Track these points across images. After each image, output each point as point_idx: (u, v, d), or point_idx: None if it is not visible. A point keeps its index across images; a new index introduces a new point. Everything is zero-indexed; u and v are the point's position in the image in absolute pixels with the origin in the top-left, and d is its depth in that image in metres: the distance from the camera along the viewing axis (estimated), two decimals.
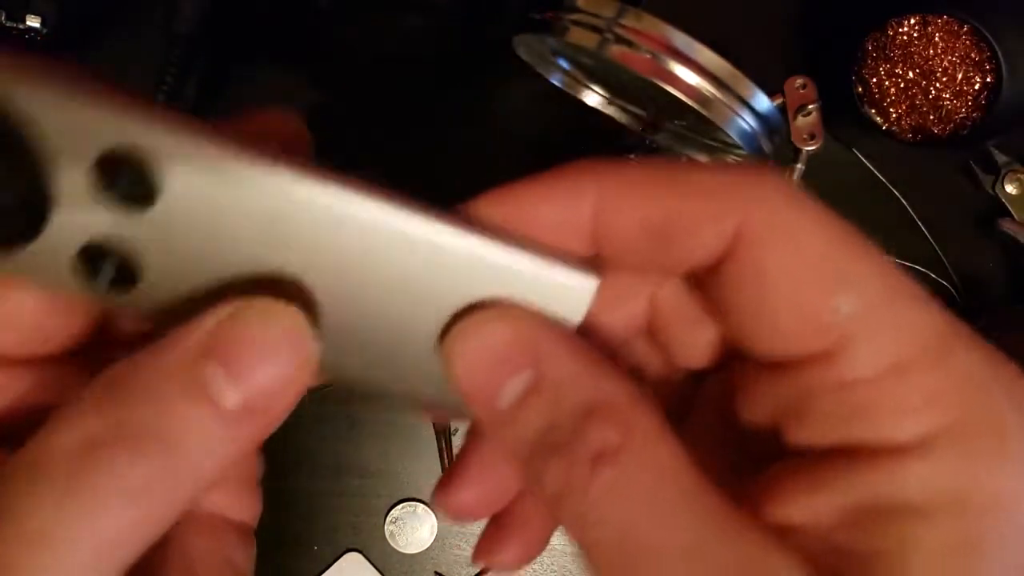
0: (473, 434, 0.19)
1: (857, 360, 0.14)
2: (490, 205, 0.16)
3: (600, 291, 0.16)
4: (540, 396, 0.15)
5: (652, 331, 0.18)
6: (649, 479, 0.13)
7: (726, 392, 0.17)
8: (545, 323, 0.15)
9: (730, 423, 0.17)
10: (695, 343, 0.18)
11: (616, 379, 0.15)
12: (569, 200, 0.15)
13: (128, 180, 0.14)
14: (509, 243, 0.15)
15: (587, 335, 0.16)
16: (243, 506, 0.21)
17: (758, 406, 0.16)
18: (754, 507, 0.15)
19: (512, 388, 0.15)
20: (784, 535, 0.14)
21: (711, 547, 0.13)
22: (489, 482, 0.18)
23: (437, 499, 0.18)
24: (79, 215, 0.14)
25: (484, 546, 0.19)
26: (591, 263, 0.16)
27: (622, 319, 0.18)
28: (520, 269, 0.15)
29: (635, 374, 0.19)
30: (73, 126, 0.14)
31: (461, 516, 0.18)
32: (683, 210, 0.15)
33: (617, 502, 0.13)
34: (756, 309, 0.15)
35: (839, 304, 0.14)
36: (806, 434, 0.15)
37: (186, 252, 0.15)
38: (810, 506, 0.14)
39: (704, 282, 0.16)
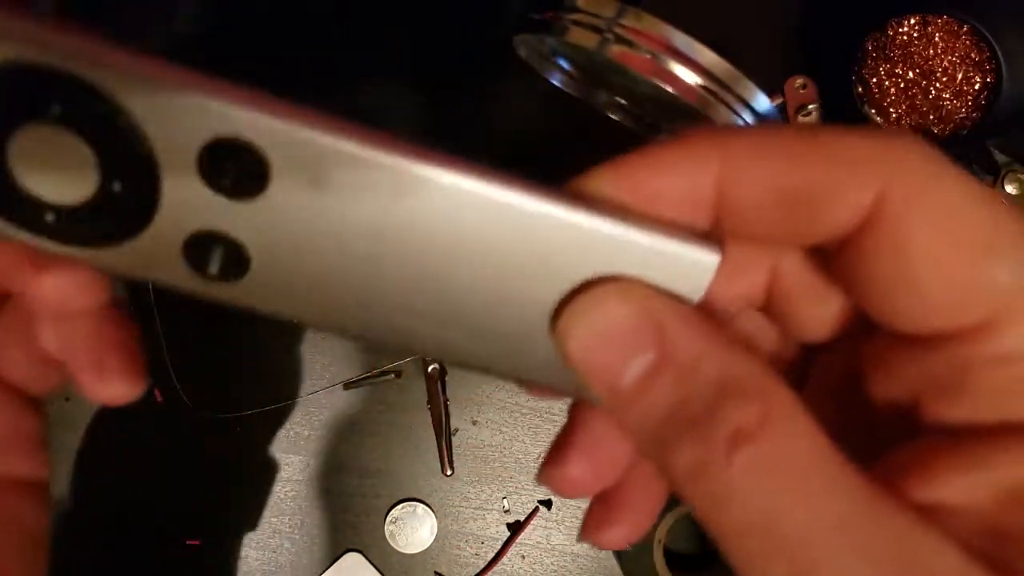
0: (580, 408, 0.18)
1: (1018, 334, 0.13)
2: (604, 180, 0.15)
3: (721, 266, 0.15)
4: (667, 374, 0.14)
5: (770, 303, 0.18)
6: (792, 457, 0.13)
7: (847, 366, 0.17)
8: (666, 300, 0.15)
9: (850, 399, 0.16)
10: (817, 316, 0.17)
11: (747, 356, 0.14)
12: (691, 170, 0.15)
13: (236, 169, 0.14)
14: (624, 218, 0.15)
15: (702, 308, 0.15)
16: (26, 463, 0.21)
17: (892, 381, 0.15)
18: (894, 487, 0.14)
19: (636, 367, 0.14)
20: (934, 516, 0.13)
21: (863, 525, 0.12)
22: (599, 458, 0.18)
23: (546, 472, 0.18)
24: (186, 204, 0.15)
25: (591, 525, 0.18)
26: (711, 236, 0.15)
27: (740, 291, 0.17)
28: (636, 244, 0.15)
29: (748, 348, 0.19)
30: (178, 116, 0.14)
31: (569, 491, 0.18)
32: (821, 178, 0.14)
33: (759, 482, 0.13)
34: (900, 281, 0.14)
35: (995, 275, 0.13)
36: (957, 411, 0.14)
37: (296, 239, 0.15)
38: (966, 486, 0.13)
39: (835, 253, 0.15)
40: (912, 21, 0.44)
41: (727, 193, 0.15)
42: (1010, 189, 0.48)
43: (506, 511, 0.52)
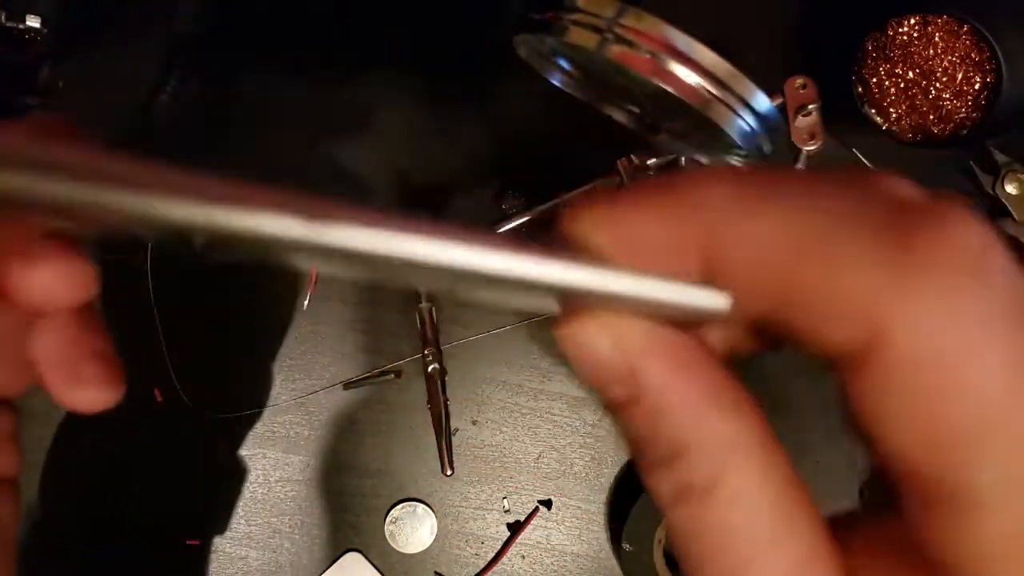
0: None
1: (985, 526, 0.12)
2: (588, 223, 0.14)
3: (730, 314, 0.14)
4: (637, 412, 0.14)
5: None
6: (730, 524, 0.13)
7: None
8: (645, 336, 0.14)
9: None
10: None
11: (719, 416, 0.14)
12: (676, 223, 0.14)
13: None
14: (616, 268, 0.14)
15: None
16: None
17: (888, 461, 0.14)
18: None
19: (617, 391, 0.15)
20: None
21: None
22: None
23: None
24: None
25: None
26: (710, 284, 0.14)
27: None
28: (632, 293, 0.14)
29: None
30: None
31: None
32: (811, 296, 0.12)
33: (695, 537, 0.14)
34: (895, 423, 0.12)
35: (979, 469, 0.12)
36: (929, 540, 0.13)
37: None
38: None
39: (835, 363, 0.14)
40: (912, 21, 0.44)
41: (713, 257, 0.14)
42: (1010, 189, 0.48)
43: (506, 511, 0.52)
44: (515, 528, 0.52)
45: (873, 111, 0.46)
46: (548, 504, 0.53)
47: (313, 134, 0.52)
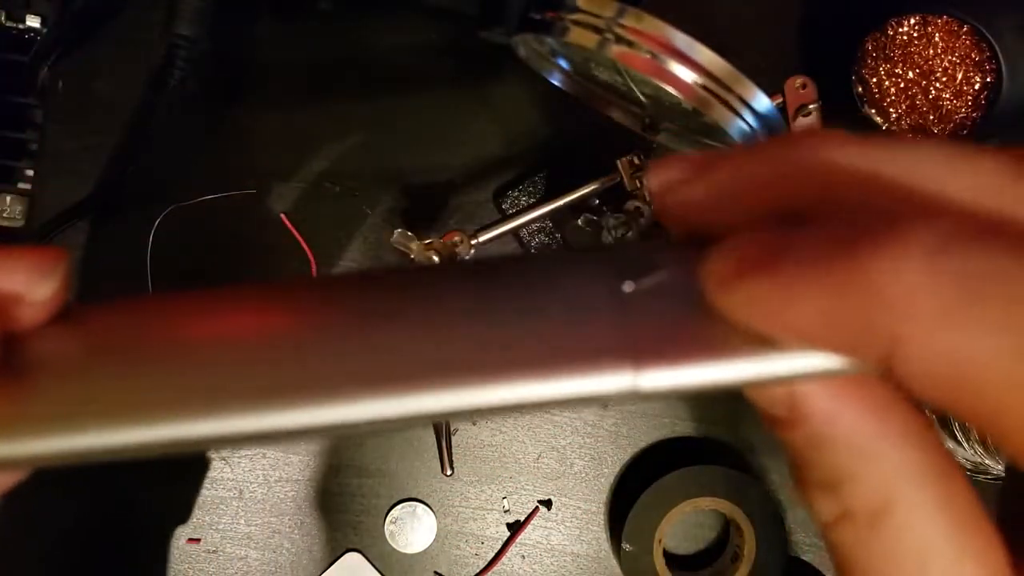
0: None
1: None
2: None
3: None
4: (798, 435, 0.14)
5: None
6: (897, 552, 0.13)
7: None
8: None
9: None
10: None
11: (887, 447, 0.13)
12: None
13: None
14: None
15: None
16: None
17: None
18: None
19: (778, 409, 0.14)
20: None
21: None
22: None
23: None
24: None
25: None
26: None
27: None
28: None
29: None
30: None
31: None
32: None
33: (858, 559, 0.14)
34: None
35: None
36: None
37: None
38: None
39: None
40: (912, 21, 0.44)
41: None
42: None
43: (506, 511, 0.52)
44: (515, 528, 0.52)
45: (873, 111, 0.46)
46: (548, 504, 0.53)
47: (314, 136, 0.52)
